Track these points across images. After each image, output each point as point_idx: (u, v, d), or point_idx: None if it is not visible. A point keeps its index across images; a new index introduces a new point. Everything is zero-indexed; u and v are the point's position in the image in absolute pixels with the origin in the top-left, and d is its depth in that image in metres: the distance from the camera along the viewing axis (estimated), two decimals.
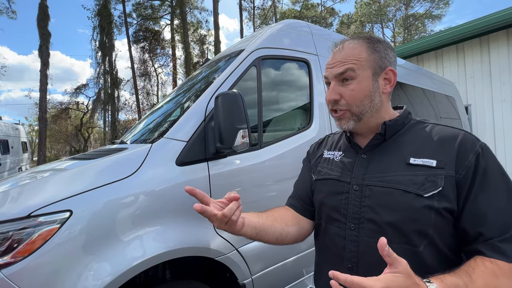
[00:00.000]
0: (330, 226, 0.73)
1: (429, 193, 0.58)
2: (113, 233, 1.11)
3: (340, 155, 0.78)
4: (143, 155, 1.23)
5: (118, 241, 1.11)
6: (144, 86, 18.51)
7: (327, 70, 0.72)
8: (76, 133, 18.54)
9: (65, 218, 1.03)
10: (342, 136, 0.84)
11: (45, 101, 13.11)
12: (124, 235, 1.12)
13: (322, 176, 0.78)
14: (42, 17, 13.16)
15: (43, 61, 13.19)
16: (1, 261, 0.95)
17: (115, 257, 1.08)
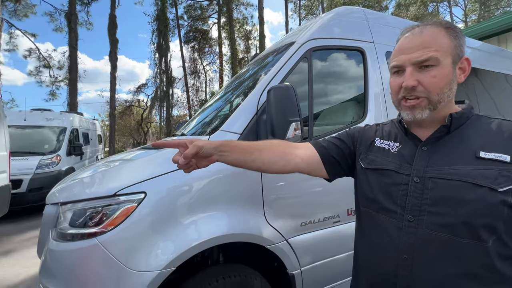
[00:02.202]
0: (381, 216, 0.71)
1: (504, 188, 0.57)
2: (176, 215, 1.24)
3: (397, 146, 0.74)
4: None
5: (180, 223, 1.24)
6: (194, 83, 19.83)
7: (401, 56, 0.68)
8: (138, 127, 21.03)
9: (141, 199, 1.20)
10: (393, 126, 0.80)
11: (114, 100, 15.12)
12: (185, 217, 1.26)
13: (376, 166, 0.75)
14: (111, 26, 15.07)
15: (112, 65, 15.15)
16: (96, 229, 1.17)
17: (177, 237, 1.22)
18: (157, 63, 18.19)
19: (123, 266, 1.12)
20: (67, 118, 6.83)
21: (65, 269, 1.20)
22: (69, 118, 6.87)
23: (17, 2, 15.78)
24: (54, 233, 1.30)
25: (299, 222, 1.47)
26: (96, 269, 1.14)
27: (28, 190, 5.03)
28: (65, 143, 6.19)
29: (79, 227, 1.24)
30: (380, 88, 1.82)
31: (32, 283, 2.73)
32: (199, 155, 0.72)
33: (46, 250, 1.29)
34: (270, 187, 1.41)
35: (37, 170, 5.31)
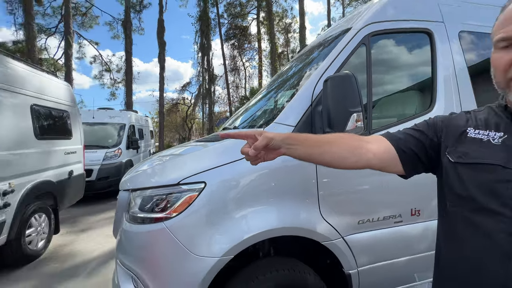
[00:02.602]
0: (480, 217, 0.61)
1: None
2: (232, 206, 1.28)
3: (501, 137, 0.62)
4: None
5: (236, 213, 1.28)
6: (233, 80, 20.36)
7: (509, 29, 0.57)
8: (183, 123, 22.55)
9: (201, 188, 1.26)
10: (492, 113, 0.67)
11: (162, 98, 16.37)
12: (240, 208, 1.29)
13: (471, 159, 0.64)
14: (160, 30, 16.24)
15: (161, 66, 16.38)
16: (163, 215, 1.28)
17: (233, 228, 1.26)
18: (200, 62, 19.10)
19: (187, 250, 1.20)
20: (126, 115, 7.63)
21: (137, 248, 1.34)
22: (127, 115, 7.66)
23: (84, 15, 18.11)
24: (127, 216, 1.45)
25: (357, 219, 1.39)
26: (164, 250, 1.24)
27: (97, 179, 5.80)
28: (124, 138, 6.94)
29: (147, 212, 1.36)
30: (451, 74, 1.60)
31: (105, 258, 3.14)
32: (268, 147, 0.71)
33: (121, 230, 1.46)
34: (325, 181, 1.36)
35: (104, 162, 6.07)
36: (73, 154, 4.07)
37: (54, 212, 3.55)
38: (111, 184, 6.06)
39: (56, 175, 3.56)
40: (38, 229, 3.23)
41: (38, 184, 3.15)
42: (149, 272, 1.25)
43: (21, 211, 2.85)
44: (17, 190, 2.78)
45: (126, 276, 1.37)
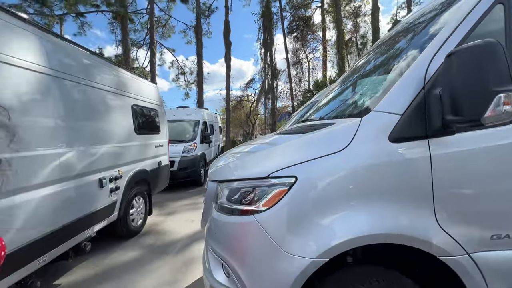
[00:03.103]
0: None
1: None
2: (327, 203, 1.17)
3: None
4: (352, 129, 1.20)
5: (332, 212, 1.16)
6: (296, 73, 19.92)
7: None
8: (246, 119, 23.52)
9: (292, 183, 1.19)
10: None
11: (228, 96, 17.36)
12: (336, 207, 1.16)
13: None
14: (226, 31, 17.16)
15: (227, 65, 17.35)
16: (252, 208, 1.27)
17: (329, 228, 1.14)
18: (263, 58, 19.39)
19: (278, 246, 1.16)
20: (199, 112, 8.38)
21: (227, 237, 1.38)
22: (201, 112, 8.39)
23: (163, 27, 20.71)
24: (216, 205, 1.52)
25: (489, 234, 1.09)
26: (255, 244, 1.23)
27: (178, 169, 6.57)
28: (199, 133, 7.64)
29: (235, 203, 1.39)
30: None
31: (187, 240, 3.51)
32: None
33: (211, 218, 1.54)
34: (444, 181, 1.10)
35: (183, 154, 6.82)
36: (161, 147, 4.67)
37: (148, 196, 4.16)
38: (189, 174, 6.78)
39: (150, 164, 4.16)
40: (138, 210, 3.84)
41: (137, 172, 3.72)
42: (240, 262, 1.26)
43: (127, 193, 3.43)
44: (124, 176, 3.35)
45: (217, 263, 1.44)
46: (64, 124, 2.34)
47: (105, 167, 2.97)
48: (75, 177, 2.47)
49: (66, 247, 2.39)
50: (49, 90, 2.24)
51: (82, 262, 2.93)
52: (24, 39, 2.09)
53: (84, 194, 2.59)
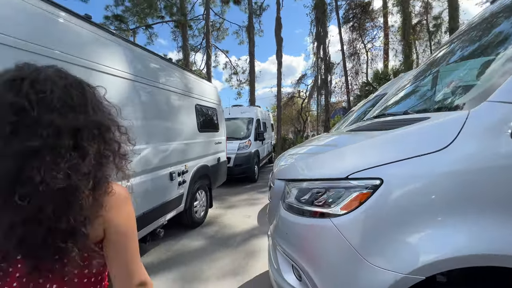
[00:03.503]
0: None
1: None
2: (419, 212, 1.00)
3: None
4: (456, 124, 1.00)
5: (423, 223, 0.99)
6: (353, 66, 18.52)
7: None
8: (298, 116, 23.05)
9: (376, 186, 1.06)
10: None
11: (280, 93, 17.27)
12: (429, 218, 0.98)
13: None
14: (277, 27, 17.06)
15: (278, 62, 17.26)
16: (328, 210, 1.18)
17: (421, 241, 0.98)
18: (315, 52, 18.64)
19: (360, 256, 1.05)
20: (253, 111, 8.54)
21: (298, 239, 1.32)
22: (254, 110, 8.55)
23: (218, 30, 21.81)
24: (283, 204, 1.48)
25: None
26: (331, 249, 1.15)
27: (234, 165, 6.84)
28: (253, 131, 7.80)
29: (306, 204, 1.32)
30: None
31: (246, 235, 3.61)
32: None
33: (278, 217, 1.50)
34: None
35: (238, 151, 7.07)
36: (220, 144, 4.91)
37: (209, 190, 4.44)
38: (244, 170, 6.99)
39: (210, 160, 4.41)
40: (200, 203, 4.12)
41: (200, 167, 3.99)
42: (314, 267, 1.19)
43: (191, 187, 3.71)
44: (189, 171, 3.63)
45: (287, 264, 1.40)
46: (143, 123, 2.64)
47: (174, 162, 3.25)
48: (152, 170, 2.77)
49: (146, 231, 2.71)
50: (131, 94, 2.55)
51: (156, 246, 3.29)
52: (114, 50, 2.42)
53: (158, 186, 2.89)
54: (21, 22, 1.56)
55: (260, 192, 6.18)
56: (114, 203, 0.61)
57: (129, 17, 15.38)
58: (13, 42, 1.47)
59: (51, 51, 1.70)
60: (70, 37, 1.93)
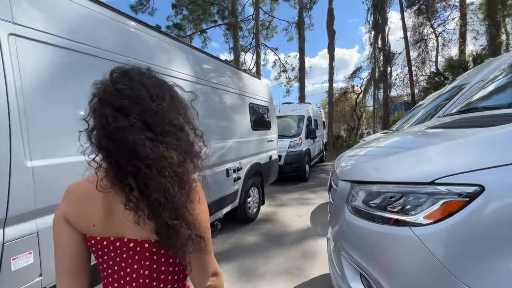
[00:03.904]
0: None
1: None
2: None
3: None
4: None
5: None
6: (418, 54, 16.31)
7: None
8: (351, 113, 21.58)
9: (475, 194, 0.89)
10: None
11: (332, 88, 16.47)
12: None
13: None
14: (329, 19, 16.24)
15: (330, 56, 16.45)
16: (407, 218, 1.05)
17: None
18: (372, 43, 17.11)
19: (449, 273, 0.90)
20: (304, 108, 8.33)
21: (368, 246, 1.21)
22: (305, 108, 8.33)
23: (267, 28, 21.91)
24: (349, 207, 1.38)
25: None
26: (411, 262, 1.02)
27: (284, 164, 6.80)
28: (304, 128, 7.61)
29: (377, 209, 1.20)
30: None
31: (299, 235, 3.54)
32: None
33: (343, 219, 1.41)
34: None
35: (289, 149, 7.00)
36: (271, 142, 4.93)
37: (261, 187, 4.50)
38: (295, 169, 6.89)
39: (262, 158, 4.47)
40: (253, 199, 4.22)
41: (253, 165, 4.08)
42: (389, 280, 1.08)
43: (245, 183, 3.82)
44: (243, 168, 3.74)
45: (354, 271, 1.30)
46: (205, 122, 2.82)
47: (230, 159, 3.40)
48: (211, 166, 2.94)
49: None
50: (196, 95, 2.74)
51: (214, 238, 3.50)
52: (179, 55, 2.64)
53: (217, 181, 3.06)
54: (107, 36, 1.80)
55: (311, 192, 6.01)
56: (197, 198, 0.65)
57: (186, 24, 16.73)
58: (101, 53, 1.69)
59: (127, 59, 1.91)
60: (144, 46, 2.17)
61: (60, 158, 1.36)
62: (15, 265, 1.14)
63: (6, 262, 1.12)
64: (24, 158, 1.20)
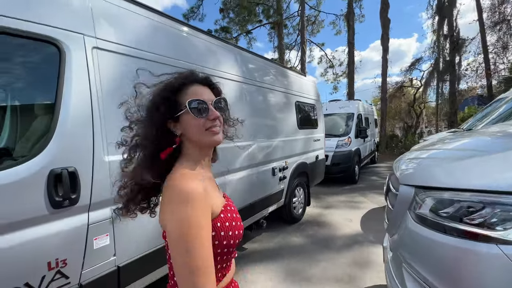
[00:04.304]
0: None
1: None
2: None
3: None
4: None
5: None
6: (498, 38, 13.68)
7: None
8: (409, 109, 19.36)
9: None
10: None
11: (385, 83, 15.07)
12: None
13: None
14: (383, 7, 14.86)
15: (384, 48, 15.05)
16: (494, 234, 0.88)
17: None
18: (435, 29, 15.06)
19: None
20: (354, 105, 7.82)
21: (434, 258, 1.06)
22: (355, 105, 7.81)
23: (313, 24, 21.19)
24: (413, 215, 1.23)
25: None
26: (498, 284, 0.85)
27: (331, 164, 6.50)
28: (353, 127, 7.15)
29: (449, 219, 1.04)
30: None
31: (348, 241, 3.34)
32: None
33: (405, 228, 1.27)
34: None
35: (336, 149, 6.66)
36: (318, 142, 4.76)
37: (307, 188, 4.39)
38: (343, 170, 6.53)
39: (308, 158, 4.34)
40: (299, 199, 4.14)
41: (299, 164, 3.99)
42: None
43: (291, 183, 3.76)
44: (289, 167, 3.69)
45: (417, 286, 1.16)
46: (250, 121, 2.87)
47: (276, 158, 3.39)
48: (257, 165, 2.98)
49: (252, 220, 2.97)
50: (240, 95, 2.81)
51: (259, 235, 3.55)
52: (227, 57, 2.73)
53: (262, 180, 3.09)
54: (163, 42, 1.93)
55: (362, 195, 5.60)
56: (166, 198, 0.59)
57: (232, 26, 17.32)
58: (158, 58, 1.83)
59: (180, 62, 2.02)
60: (194, 49, 2.29)
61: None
62: (96, 244, 1.34)
63: (90, 241, 1.32)
64: (103, 154, 1.40)
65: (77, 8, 1.39)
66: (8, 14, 1.12)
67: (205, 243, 0.54)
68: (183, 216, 0.53)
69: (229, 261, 0.70)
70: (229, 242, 0.64)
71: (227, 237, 0.63)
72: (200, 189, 0.57)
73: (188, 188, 0.55)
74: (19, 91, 1.40)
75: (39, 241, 1.16)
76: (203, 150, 0.68)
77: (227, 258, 0.68)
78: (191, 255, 0.51)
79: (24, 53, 1.28)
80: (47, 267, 1.17)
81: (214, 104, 0.67)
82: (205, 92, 0.68)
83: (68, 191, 1.22)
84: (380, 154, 12.43)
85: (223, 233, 0.63)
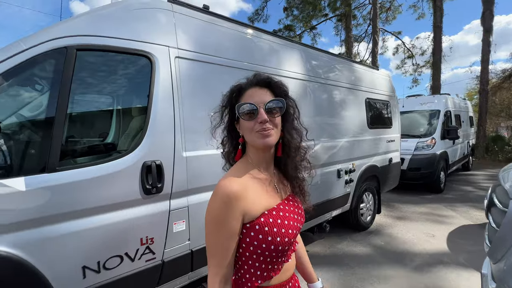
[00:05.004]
0: None
1: None
2: None
3: None
4: None
5: None
6: None
7: None
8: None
9: None
10: None
11: (486, 72, 12.21)
12: None
13: None
14: None
15: (485, 28, 12.21)
16: None
17: None
18: None
19: None
20: (440, 100, 6.62)
21: None
22: (442, 100, 6.60)
23: (387, 10, 18.85)
24: None
25: None
26: None
27: (408, 169, 5.68)
28: (439, 126, 6.06)
29: None
30: None
31: (429, 259, 2.86)
32: None
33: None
34: None
35: (415, 152, 5.78)
36: (392, 143, 4.23)
37: (377, 193, 3.96)
38: (422, 176, 5.63)
39: (380, 160, 3.91)
40: (367, 206, 3.78)
41: (368, 167, 3.64)
42: None
43: (358, 187, 3.47)
44: (356, 170, 3.41)
45: None
46: (314, 120, 2.77)
47: (341, 159, 3.18)
48: (322, 166, 2.86)
49: (314, 223, 2.87)
50: (304, 93, 2.74)
51: (321, 239, 3.41)
52: (292, 55, 2.71)
53: (326, 182, 2.95)
54: (229, 46, 2.03)
55: (449, 207, 4.71)
56: None
57: (296, 24, 17.06)
58: (225, 62, 1.94)
59: (244, 64, 2.09)
60: (258, 50, 2.34)
61: (201, 150, 1.71)
62: (175, 228, 1.55)
63: (171, 225, 1.53)
64: (182, 150, 1.60)
65: (164, 24, 1.62)
66: (113, 35, 1.40)
67: (220, 237, 0.62)
68: (211, 207, 0.64)
69: (276, 264, 0.68)
70: (269, 247, 0.63)
71: (265, 241, 0.63)
72: (233, 192, 0.62)
73: (223, 187, 0.63)
74: (121, 96, 1.73)
75: (134, 220, 1.41)
76: (258, 151, 0.70)
77: (272, 261, 0.66)
78: (208, 239, 0.64)
79: (125, 66, 1.57)
80: (140, 242, 1.42)
81: (266, 106, 0.66)
82: (258, 94, 0.68)
83: (156, 181, 1.45)
84: (476, 160, 10.19)
85: (261, 236, 0.63)
